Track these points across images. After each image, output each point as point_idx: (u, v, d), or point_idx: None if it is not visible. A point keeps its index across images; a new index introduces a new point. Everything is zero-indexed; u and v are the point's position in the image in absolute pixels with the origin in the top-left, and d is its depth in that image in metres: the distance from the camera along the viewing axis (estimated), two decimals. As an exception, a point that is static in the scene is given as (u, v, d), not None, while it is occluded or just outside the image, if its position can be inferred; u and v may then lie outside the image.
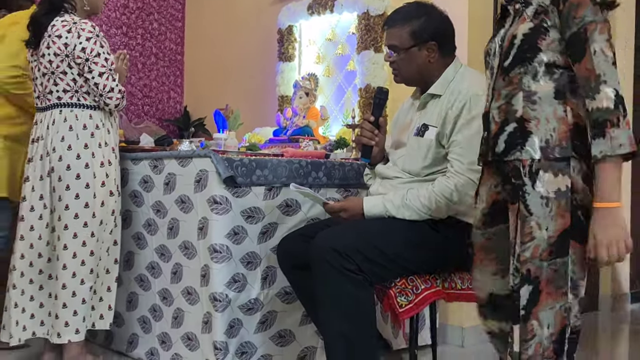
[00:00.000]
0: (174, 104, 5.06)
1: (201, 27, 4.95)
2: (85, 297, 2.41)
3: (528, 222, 1.49)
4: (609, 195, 1.43)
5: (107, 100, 2.44)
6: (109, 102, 2.45)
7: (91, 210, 2.42)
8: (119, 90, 2.45)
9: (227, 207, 2.30)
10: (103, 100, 2.45)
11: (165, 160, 2.54)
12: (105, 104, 2.46)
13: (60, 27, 2.41)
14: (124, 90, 2.49)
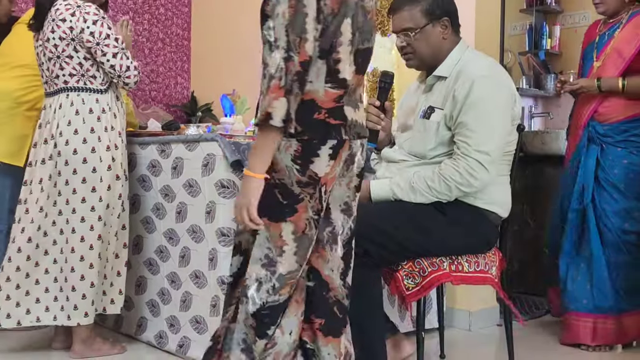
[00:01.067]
0: (181, 89, 5.06)
1: (208, 12, 4.93)
2: (94, 280, 2.43)
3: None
4: (250, 164, 1.49)
5: (126, 80, 2.46)
6: (128, 82, 2.46)
7: (98, 195, 2.43)
8: (134, 67, 2.47)
9: (235, 190, 2.31)
10: (122, 81, 2.46)
11: (172, 145, 2.55)
12: (125, 83, 2.47)
13: (64, 10, 2.41)
14: (138, 64, 2.50)
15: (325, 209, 1.58)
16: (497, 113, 2.01)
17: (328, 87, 1.52)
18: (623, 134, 2.73)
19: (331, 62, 1.52)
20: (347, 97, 1.55)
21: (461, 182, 1.97)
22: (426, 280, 2.00)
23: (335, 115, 1.53)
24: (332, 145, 1.51)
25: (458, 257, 2.08)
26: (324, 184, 1.53)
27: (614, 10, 2.79)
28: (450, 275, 2.04)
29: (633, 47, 2.69)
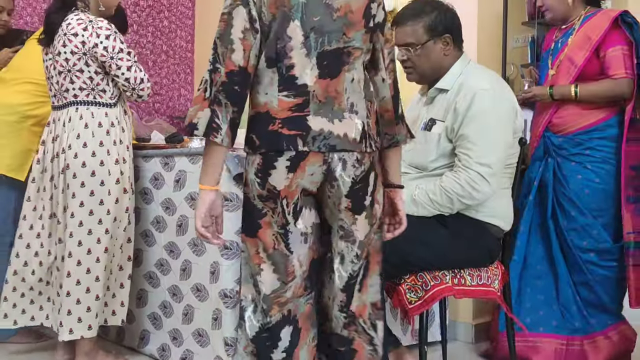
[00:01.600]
0: (184, 101, 5.08)
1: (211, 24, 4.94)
2: (99, 293, 2.43)
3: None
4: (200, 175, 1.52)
5: (140, 92, 2.48)
6: (141, 94, 2.48)
7: (105, 208, 2.44)
8: (147, 79, 2.49)
9: (237, 203, 2.31)
10: (136, 93, 2.48)
11: (176, 158, 2.55)
12: (139, 96, 2.49)
13: (76, 25, 2.43)
14: (149, 77, 2.52)
15: (323, 228, 1.57)
16: (498, 126, 2.02)
17: (282, 96, 1.47)
18: (577, 147, 2.60)
19: (283, 70, 1.47)
20: (314, 105, 1.47)
21: (463, 194, 1.97)
22: (429, 294, 1.99)
23: (290, 125, 1.46)
24: (290, 156, 1.47)
25: (460, 271, 2.07)
26: (284, 197, 1.49)
27: (563, 16, 2.69)
28: (452, 289, 2.04)
29: (585, 53, 2.57)
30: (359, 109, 1.51)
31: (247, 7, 1.47)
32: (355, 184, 1.51)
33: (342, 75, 1.49)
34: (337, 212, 1.53)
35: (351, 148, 1.50)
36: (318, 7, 1.48)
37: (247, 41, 1.46)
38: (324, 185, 1.51)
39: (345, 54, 1.50)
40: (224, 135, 1.46)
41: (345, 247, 1.55)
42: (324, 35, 1.48)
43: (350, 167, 1.49)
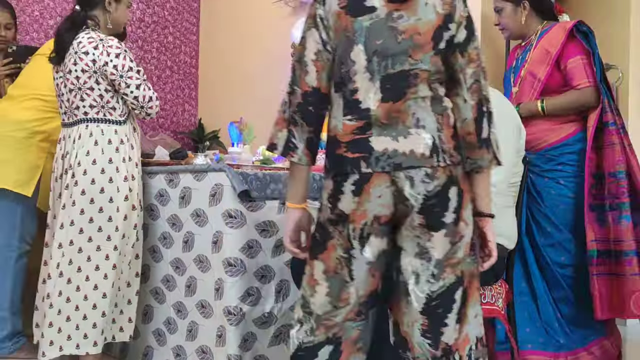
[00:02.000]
0: (188, 116, 5.10)
1: (215, 40, 5.00)
2: (105, 310, 2.44)
3: None
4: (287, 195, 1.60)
5: (149, 111, 2.51)
6: (150, 112, 2.52)
7: (114, 224, 2.46)
8: (155, 97, 2.52)
9: (242, 220, 2.32)
10: (145, 111, 2.51)
11: (180, 174, 2.57)
12: (147, 114, 2.52)
13: (87, 43, 2.46)
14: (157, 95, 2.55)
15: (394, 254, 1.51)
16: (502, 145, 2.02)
17: (346, 120, 1.48)
18: (549, 162, 2.63)
19: (347, 94, 1.48)
20: (377, 128, 1.46)
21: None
22: (432, 312, 1.99)
23: (353, 148, 1.46)
24: (354, 180, 1.45)
25: (464, 289, 2.07)
26: (351, 222, 1.47)
27: (518, 33, 2.72)
28: (456, 307, 2.03)
29: (546, 67, 2.60)
30: (426, 123, 1.46)
31: (318, 30, 1.51)
32: (429, 200, 1.44)
33: (406, 97, 1.47)
34: (412, 230, 1.47)
35: (419, 164, 1.44)
36: (382, 31, 1.47)
37: (320, 62, 1.50)
38: (397, 206, 1.46)
39: (412, 76, 1.47)
40: (302, 154, 1.52)
41: (420, 265, 1.47)
42: (388, 59, 1.46)
43: (419, 183, 1.44)
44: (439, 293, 1.46)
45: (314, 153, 1.54)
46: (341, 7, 1.49)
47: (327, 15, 1.51)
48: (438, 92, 1.49)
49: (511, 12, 2.69)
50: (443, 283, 1.46)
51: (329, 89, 1.51)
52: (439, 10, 1.48)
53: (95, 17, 2.54)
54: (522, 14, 2.67)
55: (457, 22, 1.50)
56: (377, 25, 1.47)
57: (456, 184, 1.46)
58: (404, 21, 1.46)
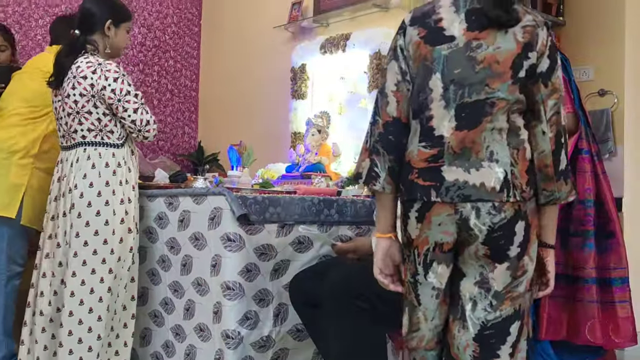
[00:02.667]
0: (188, 139, 5.14)
1: (216, 64, 5.05)
2: (100, 333, 2.44)
3: None
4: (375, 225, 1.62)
5: (146, 134, 2.53)
6: (147, 135, 2.53)
7: (109, 247, 2.46)
8: (153, 120, 2.54)
9: (241, 244, 2.33)
10: (142, 135, 2.53)
11: (180, 198, 2.59)
12: (145, 137, 2.54)
13: (85, 68, 2.49)
14: (155, 118, 2.56)
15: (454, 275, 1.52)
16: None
17: (421, 147, 1.49)
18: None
19: (424, 121, 1.49)
20: (449, 156, 1.46)
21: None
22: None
23: (425, 175, 1.48)
24: (418, 207, 1.48)
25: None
26: (416, 247, 1.50)
27: None
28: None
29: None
30: (500, 157, 1.45)
31: (398, 61, 1.54)
32: (494, 232, 1.44)
33: (482, 126, 1.45)
34: (475, 259, 1.48)
35: (488, 197, 1.44)
36: (460, 60, 1.47)
37: (400, 93, 1.54)
38: (460, 234, 1.47)
39: (488, 105, 1.46)
40: (384, 183, 1.53)
41: (479, 293, 1.48)
42: (464, 87, 1.46)
43: (485, 214, 1.44)
44: (493, 323, 1.46)
45: (396, 181, 1.55)
46: (420, 37, 1.52)
47: (407, 45, 1.54)
48: (515, 124, 1.48)
49: None
50: (499, 314, 1.46)
51: (409, 118, 1.54)
52: (519, 39, 1.46)
53: (94, 42, 2.57)
54: None
55: (539, 51, 1.48)
56: (455, 54, 1.48)
57: (524, 218, 1.46)
58: (483, 50, 1.46)
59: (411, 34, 1.53)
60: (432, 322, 1.53)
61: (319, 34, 4.06)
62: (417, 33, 1.52)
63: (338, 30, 3.92)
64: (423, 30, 1.52)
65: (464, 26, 1.48)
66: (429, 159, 1.48)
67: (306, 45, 4.05)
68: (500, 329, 1.46)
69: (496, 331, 1.46)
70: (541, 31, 1.48)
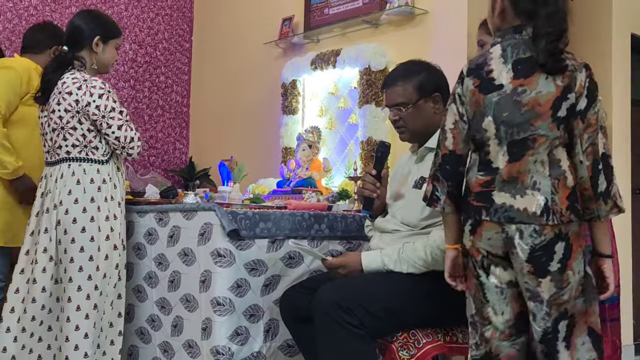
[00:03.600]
0: (179, 154, 5.13)
1: (207, 80, 5.06)
2: (87, 350, 2.41)
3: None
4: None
5: (130, 151, 2.52)
6: (131, 152, 2.53)
7: (95, 264, 2.44)
8: (137, 137, 2.53)
9: (231, 259, 2.32)
10: (126, 152, 2.52)
11: (170, 213, 2.58)
12: (129, 154, 2.53)
13: (71, 84, 2.48)
14: (141, 135, 2.56)
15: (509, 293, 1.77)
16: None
17: (479, 175, 1.77)
18: None
19: (482, 155, 1.77)
20: (499, 183, 1.72)
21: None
22: (421, 352, 2.00)
23: (479, 198, 1.75)
24: (471, 222, 1.77)
25: (452, 328, 2.08)
26: (471, 255, 1.79)
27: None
28: (445, 346, 2.04)
29: None
30: (542, 186, 1.68)
31: (456, 105, 1.81)
32: (535, 251, 1.67)
33: (525, 158, 1.70)
34: (522, 275, 1.71)
35: (529, 221, 1.67)
36: (508, 104, 1.71)
37: (457, 130, 1.81)
38: (506, 249, 1.72)
39: (531, 141, 1.70)
40: (444, 204, 1.82)
41: (534, 306, 1.71)
42: (513, 128, 1.71)
43: (528, 236, 1.67)
44: (551, 328, 1.71)
45: (456, 202, 1.82)
46: (475, 87, 1.77)
47: (464, 92, 1.79)
48: (556, 157, 1.70)
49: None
50: (554, 320, 1.71)
51: (465, 151, 1.81)
52: (558, 83, 1.67)
53: (82, 58, 2.58)
54: None
55: (577, 92, 1.69)
56: (504, 100, 1.72)
57: (564, 239, 1.68)
58: (527, 95, 1.69)
59: (467, 83, 1.79)
60: (502, 317, 1.77)
61: (309, 50, 4.08)
62: (472, 83, 1.78)
63: (328, 46, 3.94)
64: (477, 81, 1.77)
65: (511, 75, 1.72)
66: (483, 184, 1.75)
67: (297, 61, 4.07)
68: (553, 330, 1.71)
69: (552, 333, 1.71)
70: (579, 74, 1.69)
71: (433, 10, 3.41)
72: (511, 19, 1.77)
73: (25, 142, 2.82)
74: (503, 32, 1.78)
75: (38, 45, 2.99)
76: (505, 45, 1.75)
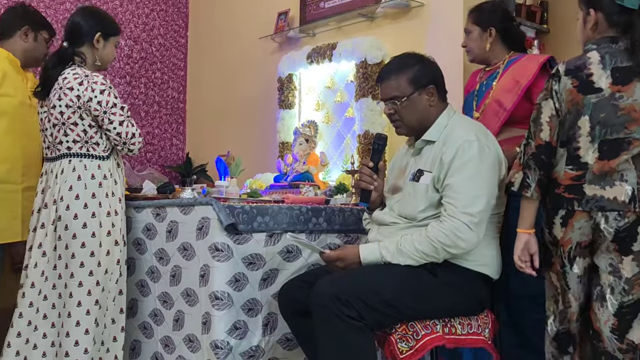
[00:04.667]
0: (176, 150, 5.13)
1: (203, 75, 5.05)
2: (88, 347, 2.41)
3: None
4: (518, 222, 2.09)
5: (131, 147, 2.53)
6: (132, 148, 2.53)
7: (97, 259, 2.45)
8: (139, 134, 2.54)
9: (229, 254, 2.33)
10: (127, 147, 2.52)
11: (167, 208, 2.58)
12: (130, 150, 2.53)
13: (72, 79, 2.48)
14: (141, 132, 2.56)
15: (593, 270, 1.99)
16: (483, 176, 2.06)
17: (568, 169, 1.98)
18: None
19: (571, 150, 1.97)
20: (589, 176, 1.94)
21: (448, 243, 2.00)
22: (420, 344, 2.01)
23: (570, 191, 1.97)
24: (562, 214, 1.98)
25: (451, 320, 2.09)
26: (561, 245, 2.00)
27: (481, 58, 2.72)
28: (443, 338, 2.05)
29: (513, 97, 2.58)
30: (629, 178, 1.91)
31: (553, 100, 2.00)
32: (620, 232, 1.90)
33: (619, 158, 1.91)
34: (607, 252, 1.93)
35: (618, 208, 1.90)
36: (605, 106, 1.92)
37: (552, 123, 2.00)
38: (594, 235, 1.95)
39: (626, 143, 1.91)
40: (533, 191, 2.00)
41: (613, 280, 1.91)
42: (607, 128, 1.92)
43: (612, 220, 1.91)
44: (628, 304, 1.90)
45: (543, 191, 2.01)
46: (574, 86, 1.96)
47: (560, 90, 1.99)
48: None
49: (477, 36, 2.71)
50: (632, 297, 1.90)
51: (557, 144, 2.00)
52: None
53: (82, 54, 2.57)
54: (487, 40, 2.70)
55: None
56: (602, 102, 1.93)
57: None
58: (624, 101, 1.91)
59: (566, 82, 1.98)
60: (579, 301, 2.00)
61: (305, 44, 4.07)
62: (571, 82, 1.97)
63: (324, 40, 3.94)
64: (576, 81, 1.96)
65: (610, 81, 1.93)
66: (573, 178, 1.96)
67: (293, 55, 4.06)
68: (634, 308, 1.89)
69: (631, 310, 1.90)
70: None
71: (429, 2, 3.41)
72: (604, 30, 2.00)
73: (3, 133, 2.72)
74: (598, 41, 1.99)
75: (8, 29, 2.86)
76: (603, 52, 1.96)
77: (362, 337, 1.94)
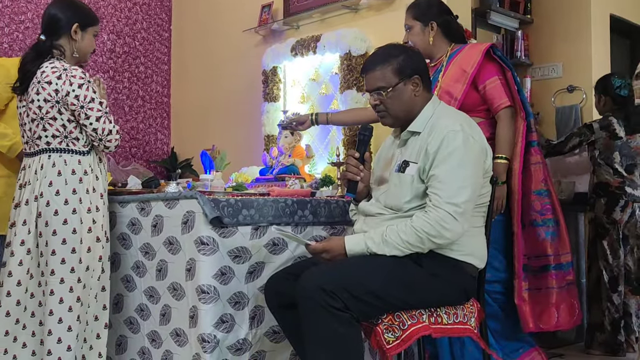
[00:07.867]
0: (161, 145, 5.10)
1: (187, 69, 5.03)
2: (71, 344, 2.39)
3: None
4: None
5: (107, 144, 2.49)
6: (109, 145, 2.49)
7: (78, 256, 2.42)
8: (116, 131, 2.50)
9: (214, 247, 2.32)
10: (103, 144, 2.49)
11: (152, 203, 2.56)
12: (106, 147, 2.50)
13: (50, 73, 2.45)
14: (120, 129, 2.53)
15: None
16: (468, 166, 2.07)
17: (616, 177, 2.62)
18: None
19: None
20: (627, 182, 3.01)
21: (433, 233, 2.00)
22: (406, 334, 2.01)
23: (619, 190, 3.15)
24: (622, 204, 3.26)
25: (437, 309, 2.10)
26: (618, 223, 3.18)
27: (426, 53, 2.68)
28: (429, 328, 2.06)
29: (462, 86, 2.62)
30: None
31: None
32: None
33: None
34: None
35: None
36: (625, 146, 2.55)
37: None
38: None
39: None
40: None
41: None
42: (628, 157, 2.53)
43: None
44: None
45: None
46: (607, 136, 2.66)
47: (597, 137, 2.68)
48: None
49: (419, 31, 2.74)
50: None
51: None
52: None
53: (60, 47, 2.53)
54: (430, 34, 2.73)
55: None
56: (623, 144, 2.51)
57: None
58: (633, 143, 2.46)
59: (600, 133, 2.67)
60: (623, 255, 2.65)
61: (289, 37, 4.07)
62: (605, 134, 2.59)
63: (308, 32, 3.93)
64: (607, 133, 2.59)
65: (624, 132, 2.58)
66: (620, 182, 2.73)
67: (277, 47, 4.05)
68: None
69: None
70: None
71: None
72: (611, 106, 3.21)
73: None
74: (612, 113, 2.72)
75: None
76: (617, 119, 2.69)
77: (349, 328, 1.94)
